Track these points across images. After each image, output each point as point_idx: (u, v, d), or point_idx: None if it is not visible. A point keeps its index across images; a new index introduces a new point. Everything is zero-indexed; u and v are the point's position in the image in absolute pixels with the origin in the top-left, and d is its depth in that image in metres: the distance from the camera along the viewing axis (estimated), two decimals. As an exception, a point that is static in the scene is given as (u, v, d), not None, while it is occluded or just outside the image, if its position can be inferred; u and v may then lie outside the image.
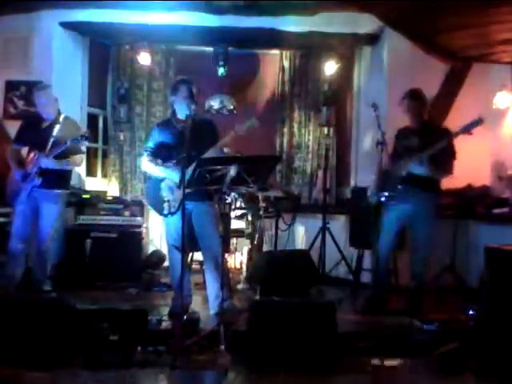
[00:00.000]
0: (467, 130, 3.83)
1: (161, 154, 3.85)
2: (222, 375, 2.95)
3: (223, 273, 3.55)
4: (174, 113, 3.93)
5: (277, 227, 5.29)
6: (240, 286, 4.84)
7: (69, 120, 4.28)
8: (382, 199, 4.09)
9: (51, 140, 4.07)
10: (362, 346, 3.36)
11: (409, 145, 4.04)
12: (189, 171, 3.19)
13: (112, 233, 4.87)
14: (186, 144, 3.33)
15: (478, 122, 3.83)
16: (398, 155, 4.17)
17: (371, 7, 5.06)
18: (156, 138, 3.91)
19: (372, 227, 4.34)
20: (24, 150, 4.26)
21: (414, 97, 4.10)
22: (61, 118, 4.18)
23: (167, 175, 3.77)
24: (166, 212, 3.72)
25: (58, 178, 4.22)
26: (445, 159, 3.99)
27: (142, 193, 5.78)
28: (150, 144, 3.93)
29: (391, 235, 4.15)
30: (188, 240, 3.65)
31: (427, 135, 3.98)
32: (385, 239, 4.18)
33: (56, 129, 4.11)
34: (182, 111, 3.77)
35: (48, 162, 4.04)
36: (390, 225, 4.15)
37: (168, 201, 3.71)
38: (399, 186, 3.99)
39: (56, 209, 4.23)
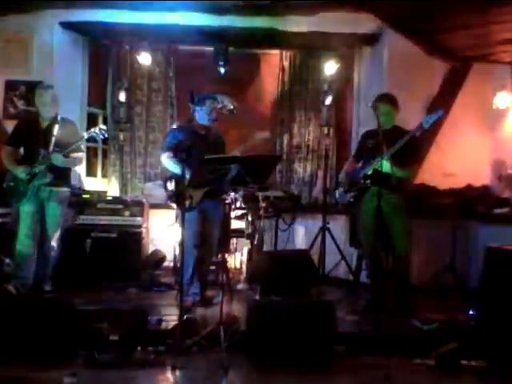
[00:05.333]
0: (430, 122, 3.84)
1: (179, 151, 3.90)
2: (221, 375, 2.95)
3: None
4: (194, 119, 4.22)
5: (277, 227, 5.29)
6: (240, 286, 4.84)
7: (67, 120, 4.31)
8: (349, 199, 4.21)
9: (53, 139, 4.09)
10: (361, 346, 3.36)
11: (373, 146, 4.00)
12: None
13: (112, 233, 4.87)
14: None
15: (438, 113, 3.84)
16: (362, 156, 4.25)
17: (371, 7, 5.06)
18: (175, 137, 4.15)
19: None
20: (21, 150, 4.27)
21: (388, 101, 4.11)
22: (59, 118, 4.21)
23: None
24: (186, 206, 3.81)
25: (64, 177, 4.27)
26: (407, 160, 4.00)
27: (142, 192, 5.79)
28: (169, 142, 4.18)
29: (371, 234, 4.14)
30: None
31: (393, 138, 3.97)
32: (366, 239, 4.21)
33: (56, 128, 4.13)
34: (203, 120, 4.18)
35: (59, 159, 4.05)
36: (366, 226, 4.17)
37: (190, 196, 3.81)
38: (365, 186, 4.07)
39: (61, 208, 4.25)
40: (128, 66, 5.86)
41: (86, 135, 4.20)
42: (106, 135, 4.29)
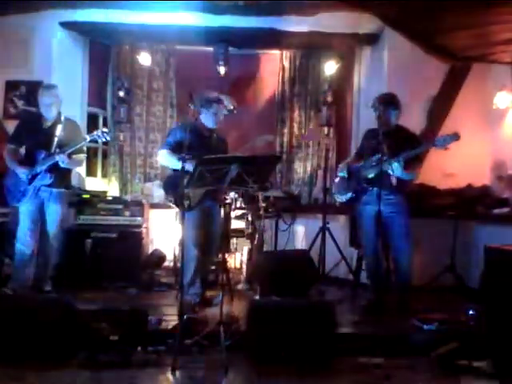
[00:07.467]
0: (443, 144, 3.80)
1: (180, 151, 3.89)
2: (221, 375, 2.95)
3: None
4: (198, 119, 4.17)
5: (277, 227, 5.29)
6: (240, 286, 4.84)
7: (69, 121, 4.31)
8: (346, 198, 4.21)
9: (55, 140, 4.09)
10: (361, 346, 3.36)
11: (377, 146, 3.96)
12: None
13: (112, 233, 4.87)
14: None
15: (454, 137, 3.80)
16: (363, 155, 4.23)
17: (371, 7, 5.06)
18: (178, 136, 4.08)
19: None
20: (22, 150, 4.27)
21: (390, 101, 4.08)
22: (62, 119, 4.20)
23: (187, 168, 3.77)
24: (186, 206, 3.79)
25: (64, 178, 4.27)
26: (414, 164, 4.00)
27: (142, 192, 5.79)
28: (171, 140, 4.13)
29: (372, 236, 4.13)
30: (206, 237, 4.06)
31: (398, 139, 3.96)
32: (367, 241, 4.20)
33: (59, 129, 4.13)
34: (208, 122, 4.16)
35: (64, 160, 4.05)
36: (366, 226, 4.16)
37: (189, 196, 3.78)
38: (365, 187, 4.07)
39: (61, 208, 4.25)
40: (128, 66, 5.87)
41: (88, 138, 4.18)
42: (108, 138, 4.28)
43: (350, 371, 3.10)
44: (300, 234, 5.66)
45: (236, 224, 4.96)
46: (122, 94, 5.70)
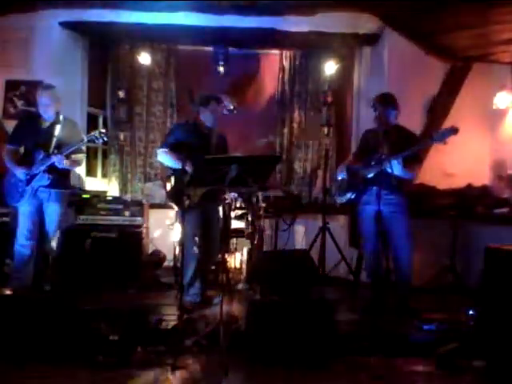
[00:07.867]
0: (441, 139, 3.80)
1: (180, 150, 3.89)
2: (221, 375, 2.95)
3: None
4: (198, 118, 4.19)
5: (277, 227, 5.29)
6: (240, 286, 4.83)
7: (68, 120, 4.29)
8: (346, 199, 4.21)
9: (54, 140, 4.08)
10: (361, 346, 3.36)
11: (377, 146, 3.97)
12: None
13: (112, 233, 4.87)
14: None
15: (452, 131, 3.79)
16: (363, 155, 4.22)
17: (371, 7, 5.06)
18: (178, 135, 4.10)
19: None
20: (21, 150, 4.26)
21: (387, 100, 4.08)
22: (61, 118, 4.20)
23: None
24: (185, 205, 3.79)
25: (63, 178, 4.25)
26: (413, 163, 3.99)
27: (142, 192, 5.79)
28: (171, 139, 4.13)
29: (372, 235, 4.13)
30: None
31: (398, 138, 3.96)
32: (367, 240, 4.21)
33: (57, 129, 4.12)
34: (207, 120, 4.17)
35: (61, 160, 4.04)
36: (366, 226, 4.16)
37: (189, 195, 3.79)
38: (365, 187, 4.07)
39: (60, 209, 4.24)
40: (128, 65, 5.87)
41: (85, 138, 4.18)
42: (106, 139, 4.28)
43: (350, 371, 3.10)
44: (300, 233, 5.66)
45: (236, 224, 4.96)
46: (121, 94, 5.70)
